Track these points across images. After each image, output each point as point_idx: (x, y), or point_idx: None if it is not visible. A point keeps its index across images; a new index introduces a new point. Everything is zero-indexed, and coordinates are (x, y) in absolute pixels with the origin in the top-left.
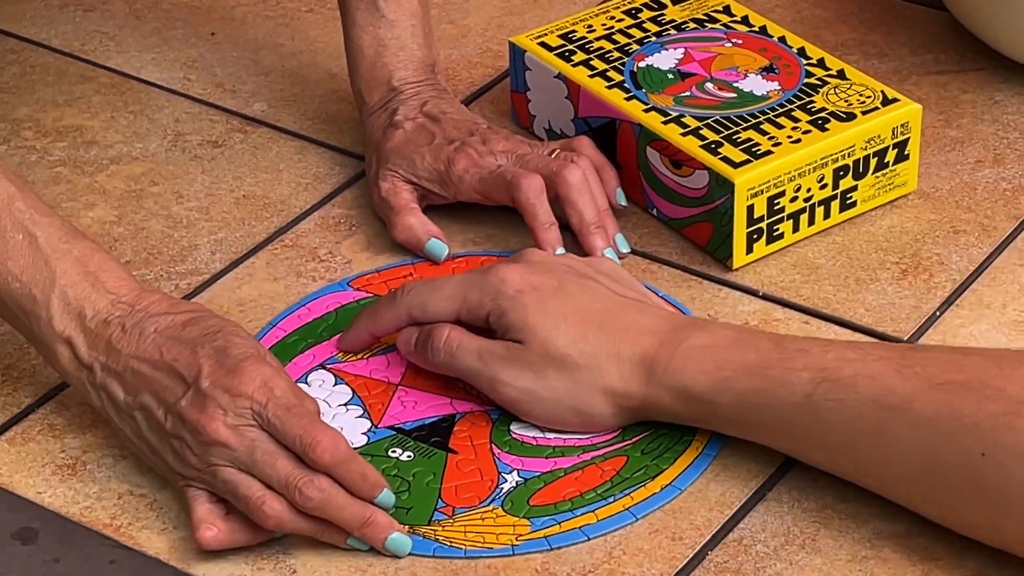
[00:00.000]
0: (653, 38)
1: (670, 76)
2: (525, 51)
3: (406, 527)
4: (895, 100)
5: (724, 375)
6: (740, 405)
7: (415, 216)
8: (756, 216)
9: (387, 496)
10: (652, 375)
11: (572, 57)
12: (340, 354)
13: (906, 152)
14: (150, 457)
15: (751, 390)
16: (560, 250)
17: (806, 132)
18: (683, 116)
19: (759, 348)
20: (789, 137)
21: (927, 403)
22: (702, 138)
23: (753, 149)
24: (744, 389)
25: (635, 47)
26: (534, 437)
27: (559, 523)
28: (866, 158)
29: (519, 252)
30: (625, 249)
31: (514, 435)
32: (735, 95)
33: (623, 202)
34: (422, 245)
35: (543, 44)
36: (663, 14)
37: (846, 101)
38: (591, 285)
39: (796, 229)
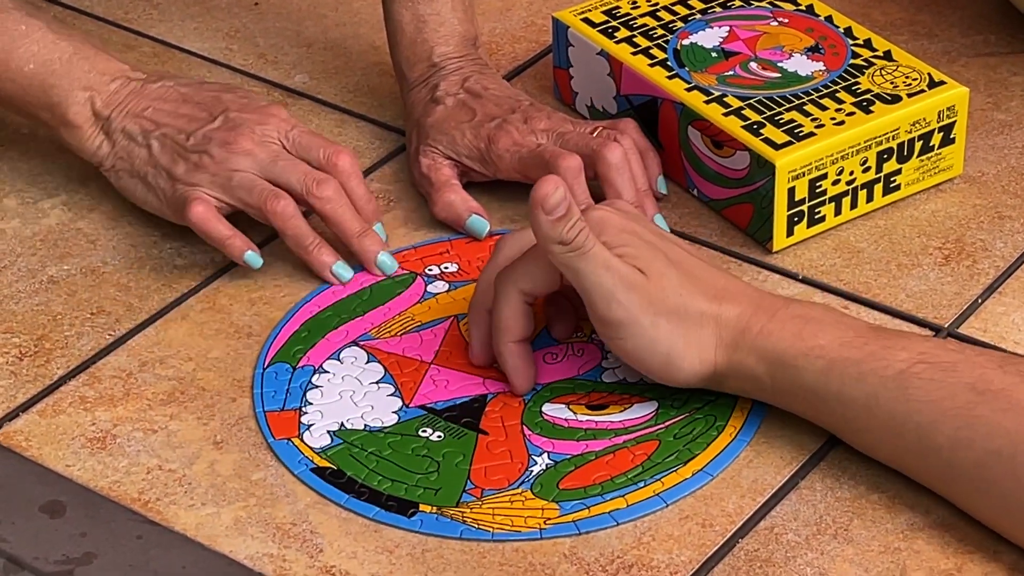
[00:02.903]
0: (698, 16)
1: (714, 55)
2: (568, 27)
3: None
4: (942, 83)
5: (819, 343)
6: (828, 373)
7: (456, 192)
8: (797, 198)
9: (380, 229)
10: (744, 338)
11: (615, 34)
12: (373, 331)
13: (952, 136)
14: (149, 182)
15: (843, 360)
16: None
17: (850, 114)
18: (725, 96)
19: (857, 328)
20: (832, 119)
21: None
22: (744, 118)
23: (795, 130)
24: (836, 358)
25: (679, 24)
26: (566, 419)
27: (588, 507)
28: (911, 141)
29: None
30: (664, 230)
31: (546, 417)
32: (779, 75)
33: (664, 190)
34: (463, 222)
35: (586, 20)
36: None
37: (892, 83)
38: (671, 238)
39: (838, 212)
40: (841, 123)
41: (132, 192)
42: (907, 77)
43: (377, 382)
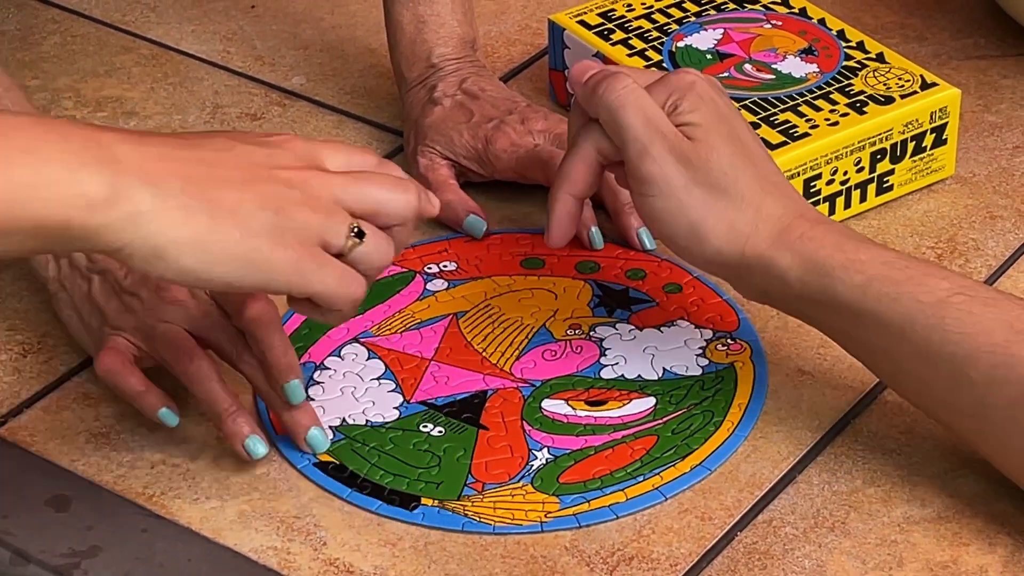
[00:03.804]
0: (692, 18)
1: (708, 57)
2: (564, 29)
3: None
4: (934, 84)
5: (860, 257)
6: (865, 289)
7: (453, 192)
8: None
9: (296, 387)
10: (784, 236)
11: (611, 36)
12: (373, 328)
13: (944, 137)
14: (83, 318)
15: (883, 278)
16: (594, 230)
17: (844, 115)
18: None
19: (899, 252)
20: (827, 120)
21: None
22: None
23: (790, 131)
24: (876, 275)
25: (674, 27)
26: (565, 415)
27: (588, 501)
28: (903, 142)
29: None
30: None
31: (545, 412)
32: (773, 77)
33: None
34: (461, 221)
35: (582, 22)
36: None
37: (885, 84)
38: (746, 123)
39: (832, 212)
40: (835, 124)
41: (68, 324)
42: (900, 79)
43: (378, 378)
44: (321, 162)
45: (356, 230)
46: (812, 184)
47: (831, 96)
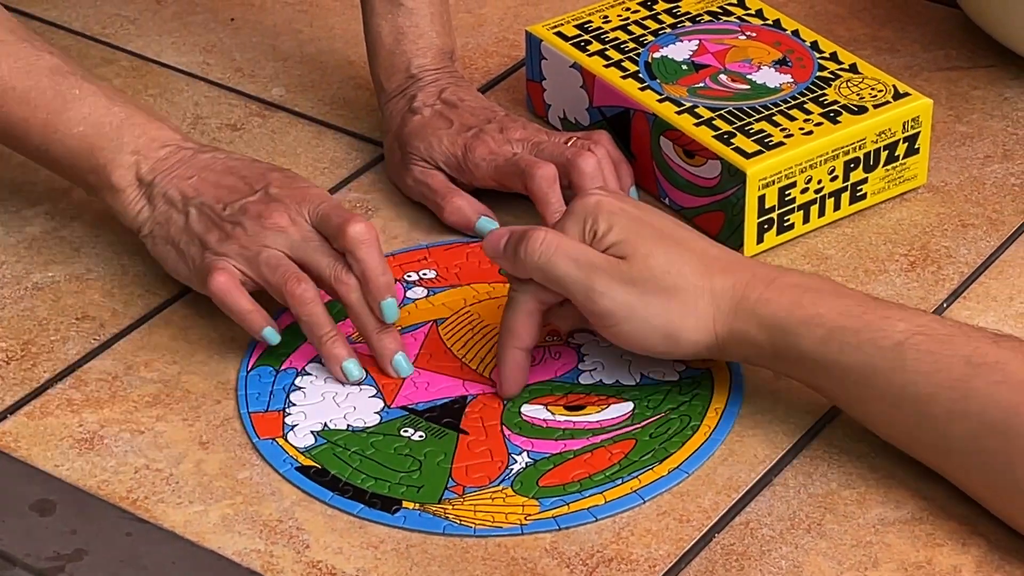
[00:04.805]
0: (668, 30)
1: (684, 67)
2: (541, 40)
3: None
4: (906, 94)
5: (818, 311)
6: (828, 342)
7: (462, 197)
8: (767, 206)
9: (392, 306)
10: (742, 306)
11: (588, 47)
12: (355, 335)
13: (916, 146)
14: (181, 250)
15: (842, 328)
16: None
17: (818, 124)
18: (696, 107)
19: (855, 297)
20: (801, 129)
21: (1020, 367)
22: (715, 128)
23: (765, 140)
24: (836, 327)
25: (650, 38)
26: (544, 420)
27: (568, 504)
28: (876, 151)
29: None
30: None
31: (524, 417)
32: (748, 87)
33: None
34: (472, 225)
35: (559, 34)
36: (678, 6)
37: (858, 95)
38: (660, 213)
39: (806, 220)
40: (809, 133)
41: (165, 259)
42: (872, 89)
43: (359, 383)
44: None
45: None
46: (787, 192)
47: (805, 106)
